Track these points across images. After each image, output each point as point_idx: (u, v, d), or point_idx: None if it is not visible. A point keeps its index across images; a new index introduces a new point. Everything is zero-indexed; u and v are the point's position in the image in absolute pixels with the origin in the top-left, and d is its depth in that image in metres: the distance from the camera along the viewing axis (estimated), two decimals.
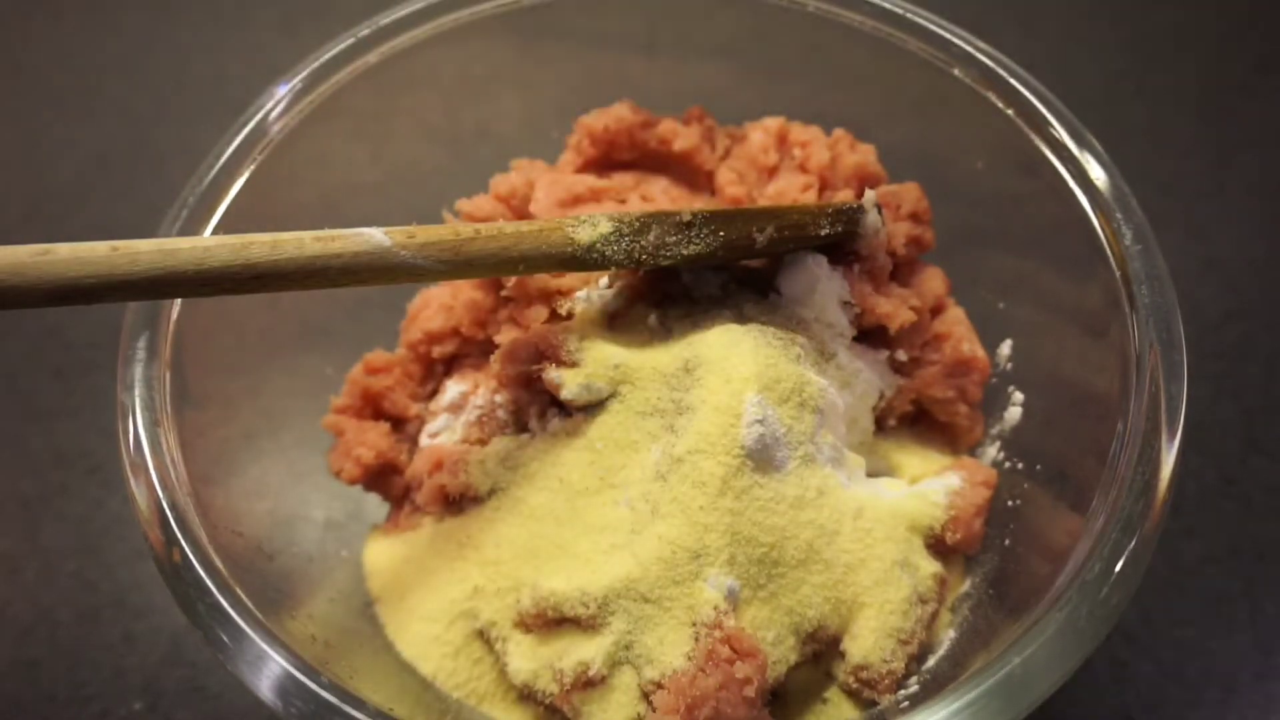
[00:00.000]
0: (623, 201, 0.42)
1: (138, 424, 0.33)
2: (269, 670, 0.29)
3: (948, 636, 0.38)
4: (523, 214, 0.42)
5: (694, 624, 0.34)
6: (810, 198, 0.41)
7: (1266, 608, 0.41)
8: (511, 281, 0.40)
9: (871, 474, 0.40)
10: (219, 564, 0.31)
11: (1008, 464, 0.41)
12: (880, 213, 0.39)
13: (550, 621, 0.35)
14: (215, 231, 0.38)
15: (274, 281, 0.31)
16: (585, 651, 0.34)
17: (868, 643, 0.35)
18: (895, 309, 0.39)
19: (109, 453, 0.48)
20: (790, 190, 0.42)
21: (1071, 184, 0.38)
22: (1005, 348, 0.43)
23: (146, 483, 0.33)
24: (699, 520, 0.34)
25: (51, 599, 0.45)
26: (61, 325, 0.49)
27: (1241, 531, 0.43)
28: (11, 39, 0.63)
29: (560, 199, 0.41)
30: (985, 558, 0.39)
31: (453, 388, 0.42)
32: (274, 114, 0.40)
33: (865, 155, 0.43)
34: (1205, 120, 0.56)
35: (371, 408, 0.42)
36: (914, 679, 0.37)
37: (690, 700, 0.33)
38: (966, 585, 0.39)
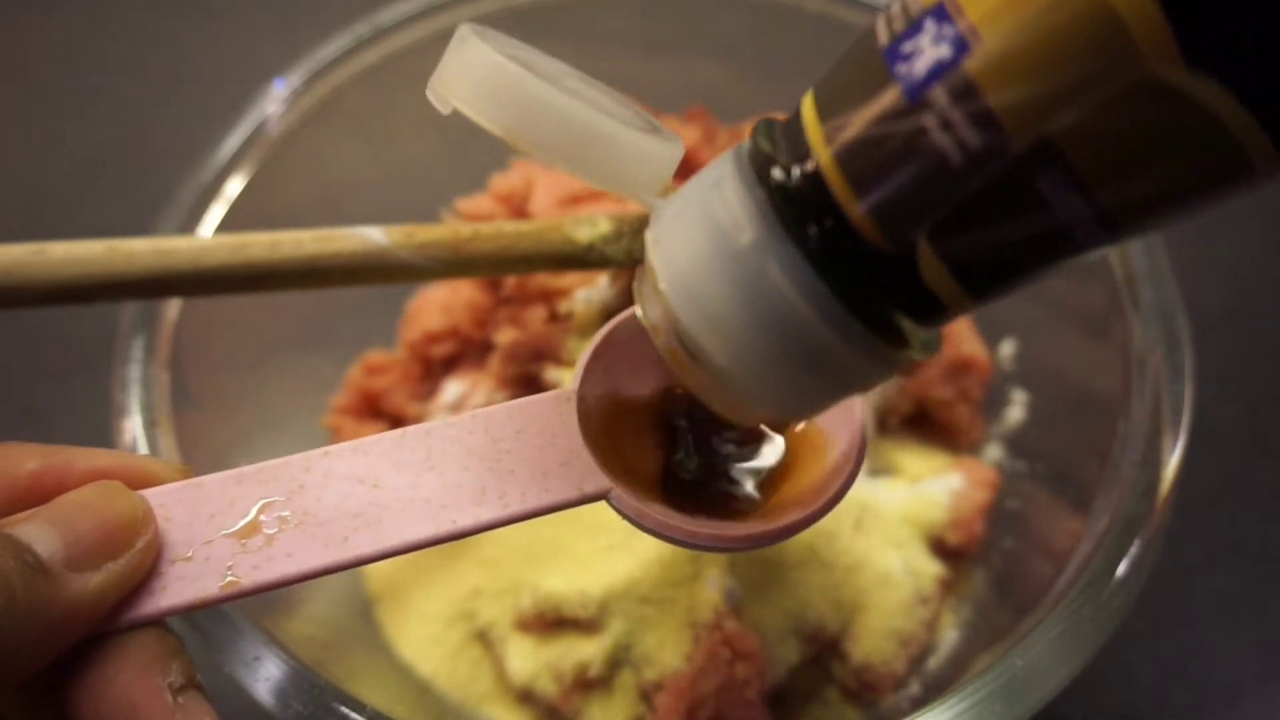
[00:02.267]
0: (622, 201, 0.41)
1: (135, 425, 0.33)
2: (266, 671, 0.29)
3: (949, 638, 0.38)
4: (522, 213, 0.41)
5: (693, 625, 0.34)
6: None
7: (1271, 608, 0.41)
8: (511, 281, 0.40)
9: (872, 475, 0.40)
10: None
11: (1009, 464, 0.41)
12: None
13: (549, 623, 0.35)
14: (213, 231, 0.38)
15: (272, 281, 0.31)
16: (585, 652, 0.34)
17: (868, 644, 0.35)
18: None
19: None
20: None
21: None
22: (1006, 348, 0.43)
23: None
24: None
25: None
26: (56, 325, 0.49)
27: (1245, 532, 0.43)
28: (5, 37, 0.63)
29: (560, 198, 0.41)
30: (987, 559, 0.39)
31: (452, 388, 0.41)
32: (272, 113, 0.40)
33: None
34: None
35: (370, 407, 0.42)
36: (915, 680, 0.37)
37: (690, 701, 0.33)
38: (968, 586, 0.39)
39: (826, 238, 0.19)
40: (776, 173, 0.19)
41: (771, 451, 0.27)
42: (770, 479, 0.26)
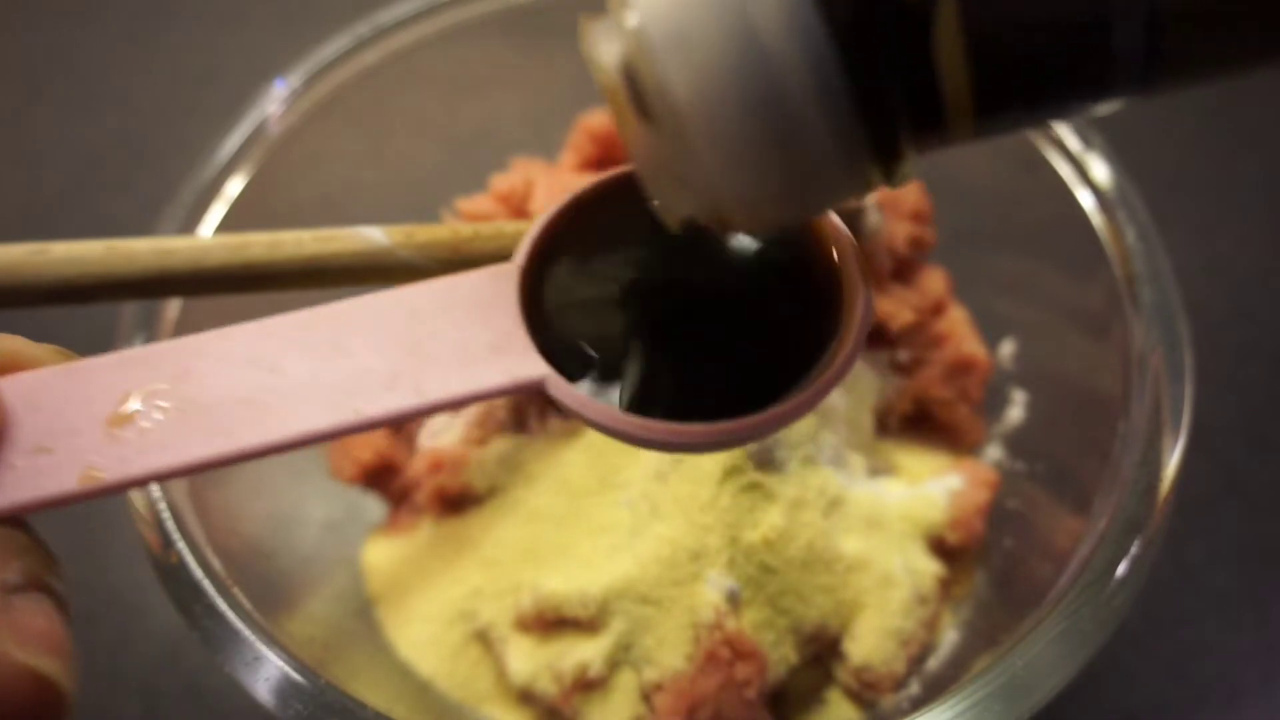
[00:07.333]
0: None
1: None
2: (267, 672, 0.29)
3: (949, 638, 0.38)
4: (522, 213, 0.41)
5: (694, 625, 0.34)
6: None
7: (1271, 609, 0.41)
8: None
9: (872, 475, 0.40)
10: (216, 565, 0.31)
11: (1009, 464, 0.41)
12: (881, 212, 0.39)
13: (550, 623, 0.35)
14: (213, 231, 0.38)
15: (272, 281, 0.31)
16: (585, 653, 0.34)
17: (868, 644, 0.35)
18: (895, 309, 0.39)
19: None
20: None
21: (1074, 182, 0.37)
22: (1006, 348, 0.43)
23: None
24: (699, 521, 0.34)
25: None
26: (56, 326, 0.49)
27: (1245, 532, 0.43)
28: (4, 37, 0.63)
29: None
30: (987, 559, 0.39)
31: None
32: (272, 113, 0.40)
33: None
34: (1211, 118, 0.56)
35: None
36: (915, 680, 0.37)
37: (690, 701, 0.33)
38: (968, 586, 0.39)
39: None
40: None
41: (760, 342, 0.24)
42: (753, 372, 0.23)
